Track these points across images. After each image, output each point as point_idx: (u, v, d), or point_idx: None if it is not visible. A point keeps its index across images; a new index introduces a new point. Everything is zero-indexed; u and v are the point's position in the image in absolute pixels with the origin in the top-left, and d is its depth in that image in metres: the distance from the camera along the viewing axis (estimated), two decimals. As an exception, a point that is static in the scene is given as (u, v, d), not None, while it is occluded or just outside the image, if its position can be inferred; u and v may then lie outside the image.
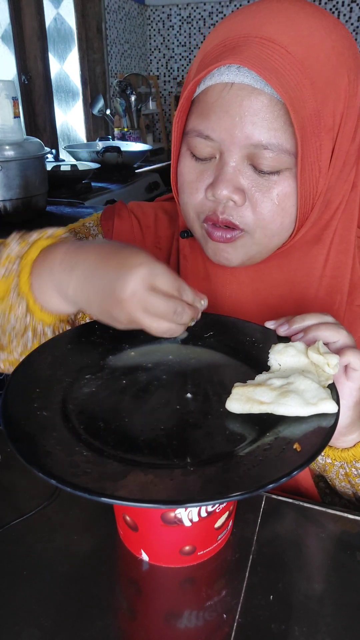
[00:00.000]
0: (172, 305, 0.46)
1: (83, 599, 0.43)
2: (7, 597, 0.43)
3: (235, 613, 0.42)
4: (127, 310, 0.46)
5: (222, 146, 0.52)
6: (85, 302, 0.51)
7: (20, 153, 1.43)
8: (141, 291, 0.45)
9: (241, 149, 0.51)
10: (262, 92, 0.49)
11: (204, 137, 0.53)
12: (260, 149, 0.50)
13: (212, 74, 0.52)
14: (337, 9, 2.88)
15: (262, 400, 0.41)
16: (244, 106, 0.50)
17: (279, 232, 0.55)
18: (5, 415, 0.40)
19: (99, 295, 0.48)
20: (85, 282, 0.49)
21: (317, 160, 0.51)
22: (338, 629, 0.41)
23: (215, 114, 0.51)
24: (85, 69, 2.70)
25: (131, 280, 0.45)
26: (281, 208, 0.53)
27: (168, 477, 0.35)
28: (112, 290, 0.46)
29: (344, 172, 0.56)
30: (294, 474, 0.34)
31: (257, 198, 0.53)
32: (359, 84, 0.53)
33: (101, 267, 0.48)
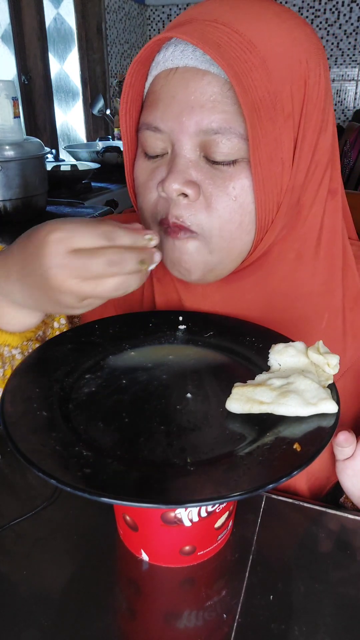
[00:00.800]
0: (102, 258, 0.40)
1: (83, 599, 0.43)
2: (7, 597, 0.43)
3: (235, 613, 0.42)
4: (64, 289, 0.41)
5: (172, 136, 0.49)
6: (34, 302, 0.47)
7: (20, 153, 1.43)
8: (62, 262, 0.40)
9: (191, 137, 0.47)
10: (207, 72, 0.46)
11: (153, 130, 0.49)
12: (211, 135, 0.47)
13: (157, 63, 0.50)
14: (337, 9, 2.88)
15: (262, 400, 0.41)
16: (190, 89, 0.47)
17: (239, 235, 0.50)
18: (5, 415, 0.40)
19: (38, 289, 0.44)
20: (24, 283, 0.45)
21: (276, 150, 0.48)
22: (338, 629, 0.41)
23: (162, 101, 0.48)
24: (85, 69, 2.70)
25: (46, 257, 0.41)
26: (238, 204, 0.49)
27: (168, 477, 0.35)
28: (41, 278, 0.42)
29: (316, 173, 0.52)
30: (294, 474, 0.34)
31: (211, 192, 0.48)
32: (323, 76, 0.50)
33: (26, 261, 0.44)
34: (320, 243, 0.55)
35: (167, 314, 0.58)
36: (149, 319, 0.57)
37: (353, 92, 3.03)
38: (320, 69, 0.50)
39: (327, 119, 0.51)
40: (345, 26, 2.90)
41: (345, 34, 2.92)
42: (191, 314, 0.58)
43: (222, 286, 0.58)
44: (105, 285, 0.41)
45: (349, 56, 2.96)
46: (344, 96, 3.05)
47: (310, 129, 0.49)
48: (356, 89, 3.02)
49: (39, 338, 0.57)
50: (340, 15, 2.89)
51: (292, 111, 0.48)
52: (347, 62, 2.97)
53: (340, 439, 0.48)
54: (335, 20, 2.91)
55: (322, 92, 0.50)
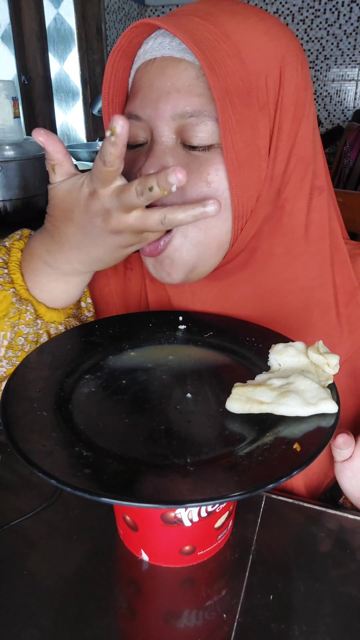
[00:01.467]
0: (135, 184, 0.44)
1: (83, 599, 0.43)
2: (7, 597, 0.43)
3: (235, 613, 0.42)
4: (123, 225, 0.46)
5: (151, 123, 0.50)
6: (95, 262, 0.51)
7: (20, 153, 1.43)
8: (109, 204, 0.45)
9: (168, 122, 0.49)
10: (183, 59, 0.48)
11: (134, 118, 0.51)
12: (187, 118, 0.48)
13: (138, 57, 0.52)
14: (337, 9, 2.88)
15: (262, 400, 0.41)
16: (166, 76, 0.49)
17: (215, 224, 0.51)
18: (5, 415, 0.40)
19: (97, 244, 0.49)
20: (80, 245, 0.50)
21: (253, 137, 0.49)
22: (338, 629, 0.41)
23: (142, 90, 0.50)
24: (85, 69, 2.70)
25: (95, 207, 0.46)
26: (213, 190, 0.49)
27: (168, 477, 0.35)
28: (100, 228, 0.47)
29: (297, 167, 0.52)
30: (294, 474, 0.34)
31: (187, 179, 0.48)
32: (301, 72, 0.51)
33: (71, 225, 0.49)
34: (309, 239, 0.56)
35: (167, 314, 0.58)
36: (149, 319, 0.57)
37: (353, 92, 3.03)
38: (298, 65, 0.51)
39: (307, 114, 0.53)
40: (345, 26, 2.90)
41: (345, 34, 2.92)
42: (191, 314, 0.58)
43: (211, 283, 0.58)
44: (152, 212, 0.45)
45: (349, 56, 2.96)
46: (344, 96, 3.06)
47: (287, 121, 0.51)
48: (356, 89, 3.02)
49: (75, 316, 0.61)
50: (340, 15, 2.89)
51: (268, 101, 0.49)
52: (347, 62, 2.97)
53: (339, 442, 0.48)
54: (335, 20, 2.91)
55: (301, 87, 0.51)
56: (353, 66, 2.97)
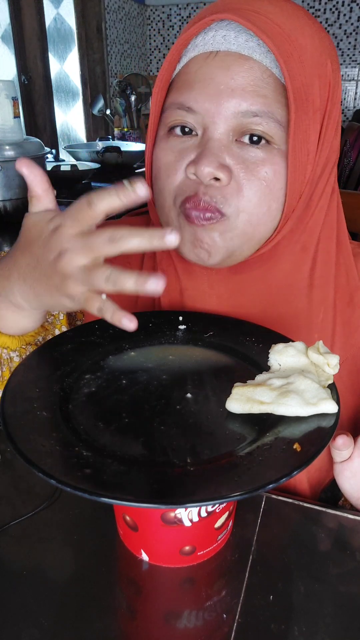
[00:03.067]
0: (105, 233, 0.39)
1: (83, 599, 0.43)
2: (7, 597, 0.43)
3: (235, 613, 0.42)
4: (69, 271, 0.40)
5: (206, 118, 0.49)
6: (36, 299, 0.46)
7: (20, 153, 1.43)
8: (67, 244, 0.40)
9: (228, 119, 0.48)
10: (250, 57, 0.47)
11: (185, 109, 0.49)
12: (249, 117, 0.48)
13: (195, 45, 0.50)
14: (337, 9, 2.88)
15: (262, 400, 0.41)
16: (231, 72, 0.47)
17: (264, 221, 0.51)
18: (5, 416, 0.40)
19: (43, 281, 0.44)
20: (27, 279, 0.46)
21: (305, 141, 0.49)
22: (338, 629, 0.41)
23: (200, 82, 0.49)
24: (85, 69, 2.70)
25: (52, 243, 0.41)
26: (269, 190, 0.49)
27: (168, 477, 0.35)
28: (49, 266, 0.42)
29: (327, 168, 0.54)
30: (294, 474, 0.34)
31: (243, 177, 0.49)
32: (339, 77, 0.52)
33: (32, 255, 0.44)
34: (320, 238, 0.57)
35: (167, 314, 0.58)
36: (149, 319, 0.57)
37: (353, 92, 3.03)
38: (338, 73, 0.52)
39: (340, 119, 0.53)
40: (345, 26, 2.90)
41: (345, 34, 2.92)
42: (191, 314, 0.58)
43: (229, 277, 0.58)
44: (104, 269, 0.39)
45: (349, 56, 2.96)
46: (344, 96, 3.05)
47: (331, 127, 0.51)
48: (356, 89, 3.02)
49: (38, 343, 0.57)
50: (340, 15, 2.89)
51: (320, 106, 0.49)
52: (347, 62, 2.97)
53: (338, 443, 0.48)
54: (335, 20, 2.91)
55: (340, 95, 0.52)
56: (353, 66, 2.97)
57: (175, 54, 0.51)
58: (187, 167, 0.50)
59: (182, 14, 3.16)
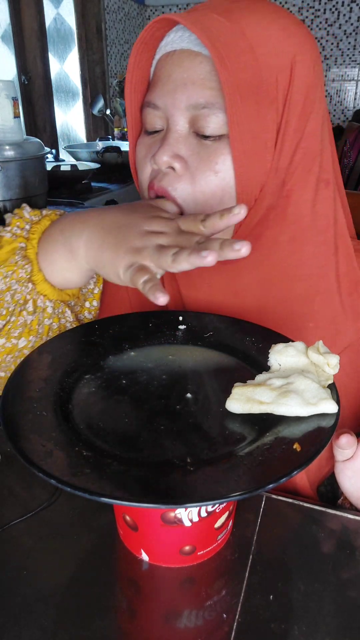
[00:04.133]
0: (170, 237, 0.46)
1: (83, 599, 0.43)
2: (7, 597, 0.43)
3: (235, 613, 0.42)
4: (135, 244, 0.46)
5: (167, 112, 0.53)
6: (96, 252, 0.50)
7: (20, 153, 1.43)
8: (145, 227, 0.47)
9: (182, 112, 0.52)
10: (200, 53, 0.51)
11: (152, 107, 0.54)
12: (200, 109, 0.51)
13: (160, 48, 0.55)
14: (337, 9, 2.88)
15: (262, 400, 0.41)
16: (183, 68, 0.51)
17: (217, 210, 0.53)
18: (5, 415, 0.40)
19: (120, 236, 0.48)
20: (104, 227, 0.50)
21: (259, 130, 0.51)
22: (338, 629, 0.41)
23: (161, 80, 0.53)
24: (85, 69, 2.70)
25: (157, 220, 0.48)
26: (220, 179, 0.52)
27: (168, 477, 0.35)
28: (138, 229, 0.47)
29: (304, 160, 0.55)
30: (294, 474, 0.34)
31: (196, 166, 0.52)
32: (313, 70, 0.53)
33: (122, 215, 0.50)
34: (315, 229, 0.58)
35: (167, 314, 0.58)
36: (149, 319, 0.57)
37: (353, 92, 3.03)
38: (311, 63, 0.53)
39: (317, 110, 0.54)
40: (345, 26, 2.90)
41: (345, 34, 2.92)
42: (191, 314, 0.58)
43: (220, 267, 0.59)
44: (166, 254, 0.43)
45: (348, 56, 2.96)
46: (344, 96, 3.06)
47: (295, 116, 0.53)
48: (356, 89, 3.02)
49: (71, 307, 0.61)
50: (340, 15, 2.89)
51: (277, 96, 0.51)
52: (347, 62, 2.97)
53: (342, 442, 0.48)
54: (335, 20, 2.91)
55: (312, 85, 0.53)
56: (353, 66, 2.97)
57: (138, 57, 0.55)
58: (150, 158, 0.55)
59: (182, 14, 3.16)
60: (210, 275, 0.61)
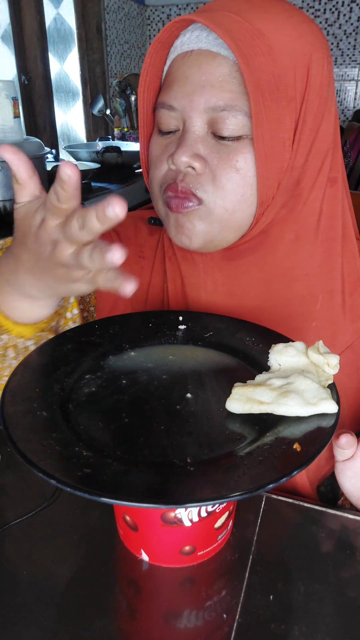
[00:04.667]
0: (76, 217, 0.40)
1: (83, 599, 0.43)
2: (7, 597, 0.43)
3: (235, 613, 0.42)
4: (65, 259, 0.41)
5: (184, 114, 0.53)
6: (48, 289, 0.47)
7: (20, 153, 1.43)
8: (55, 235, 0.41)
9: (201, 114, 0.52)
10: (218, 54, 0.51)
11: (167, 108, 0.54)
12: (219, 112, 0.51)
13: (175, 47, 0.54)
14: (337, 9, 2.88)
15: (262, 400, 0.41)
16: (202, 70, 0.51)
17: (240, 207, 0.54)
18: (5, 415, 0.40)
19: (47, 270, 0.44)
20: (34, 272, 0.46)
21: (278, 130, 0.52)
22: (338, 629, 0.41)
23: (177, 82, 0.53)
24: (85, 69, 2.70)
25: (41, 237, 0.42)
26: (241, 177, 0.53)
27: (168, 477, 0.35)
28: (48, 258, 0.43)
29: (316, 158, 0.55)
30: (294, 474, 0.34)
31: (217, 165, 0.53)
32: (326, 69, 0.54)
33: (26, 251, 0.45)
34: (319, 228, 0.58)
35: (167, 314, 0.58)
36: (149, 319, 0.57)
37: (353, 92, 3.03)
38: (324, 62, 0.54)
39: (329, 109, 0.55)
40: (345, 26, 2.90)
41: (345, 34, 2.92)
42: (191, 314, 0.58)
43: (223, 264, 0.61)
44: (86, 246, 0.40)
45: (348, 56, 2.96)
46: (344, 96, 3.05)
47: (311, 115, 0.53)
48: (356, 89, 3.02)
49: (52, 329, 0.57)
50: (340, 15, 2.89)
51: (295, 95, 0.52)
52: (347, 62, 2.97)
53: (341, 442, 0.48)
54: (335, 20, 2.91)
55: (325, 83, 0.54)
56: (353, 66, 2.97)
57: (154, 56, 0.55)
58: (168, 158, 0.54)
59: (182, 14, 3.16)
60: (214, 270, 0.61)
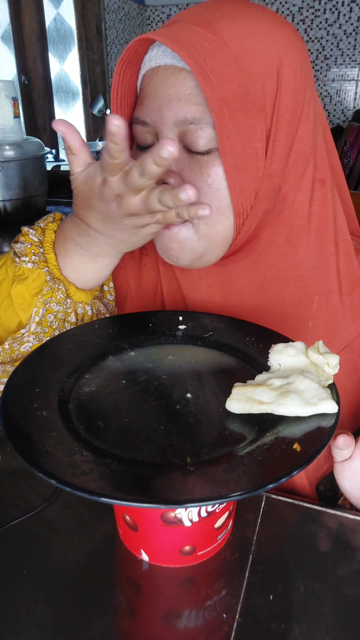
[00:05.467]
0: (135, 168, 0.45)
1: (83, 599, 0.43)
2: (7, 597, 0.43)
3: (235, 613, 0.42)
4: (133, 207, 0.48)
5: (156, 128, 0.53)
6: (121, 243, 0.54)
7: (20, 153, 1.43)
8: (119, 189, 0.48)
9: (171, 128, 0.52)
10: (183, 69, 0.51)
11: (141, 124, 0.54)
12: (187, 125, 0.51)
13: (144, 63, 0.54)
14: (337, 9, 2.88)
15: (262, 400, 0.41)
16: (169, 84, 0.51)
17: (218, 219, 0.54)
18: (5, 415, 0.40)
19: (118, 225, 0.51)
20: (104, 230, 0.53)
21: (249, 140, 0.51)
22: (338, 629, 0.41)
23: (148, 97, 0.53)
24: (85, 69, 2.70)
25: (105, 195, 0.49)
26: (214, 190, 0.53)
27: (168, 477, 0.35)
28: (115, 213, 0.50)
29: (297, 163, 0.55)
30: (294, 474, 0.34)
31: (189, 180, 0.53)
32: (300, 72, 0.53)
33: (92, 211, 0.52)
34: (311, 229, 0.58)
35: (167, 314, 0.58)
36: (149, 319, 0.57)
37: (353, 92, 3.03)
38: (297, 65, 0.53)
39: (307, 112, 0.54)
40: (345, 26, 2.90)
41: (345, 34, 2.92)
42: (191, 314, 0.58)
43: (217, 269, 0.61)
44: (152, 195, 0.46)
45: (348, 56, 2.96)
46: (344, 96, 3.05)
47: (285, 121, 0.53)
48: (356, 89, 3.02)
49: (99, 297, 0.63)
50: (340, 15, 2.89)
51: (265, 104, 0.51)
52: (347, 62, 2.97)
53: (339, 442, 0.48)
54: (335, 20, 2.91)
55: (301, 87, 0.53)
56: (353, 66, 2.97)
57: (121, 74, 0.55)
58: None
59: (182, 14, 3.15)
60: (209, 276, 0.62)
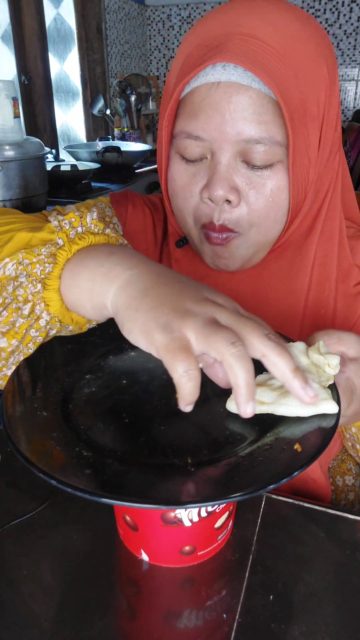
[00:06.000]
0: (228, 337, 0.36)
1: (83, 599, 0.43)
2: (7, 597, 0.43)
3: (235, 613, 0.42)
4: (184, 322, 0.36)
5: (213, 145, 0.52)
6: (133, 298, 0.40)
7: (20, 153, 1.43)
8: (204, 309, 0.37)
9: (232, 145, 0.52)
10: (249, 87, 0.50)
11: (193, 138, 0.53)
12: (253, 144, 0.51)
13: (197, 75, 0.52)
14: (337, 9, 2.88)
15: (263, 400, 0.41)
16: (232, 103, 0.50)
17: (272, 227, 0.56)
18: (5, 415, 0.40)
19: (165, 286, 0.39)
20: (149, 274, 0.41)
21: (306, 150, 0.52)
22: (338, 629, 0.41)
23: (204, 113, 0.52)
24: (85, 69, 2.70)
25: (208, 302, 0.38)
26: (274, 202, 0.54)
27: (168, 477, 0.35)
28: (184, 281, 0.40)
29: (329, 161, 0.57)
30: (295, 474, 0.34)
31: (251, 195, 0.54)
32: (336, 72, 0.55)
33: (168, 287, 0.40)
34: (327, 220, 0.61)
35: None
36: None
37: (353, 92, 3.03)
38: (336, 73, 0.54)
39: (339, 115, 0.56)
40: (345, 26, 2.90)
41: (345, 34, 2.92)
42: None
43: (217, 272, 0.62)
44: None
45: (349, 56, 2.96)
46: (344, 96, 3.05)
47: (330, 128, 0.54)
48: (356, 89, 3.02)
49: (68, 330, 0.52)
50: (340, 15, 2.89)
51: (318, 114, 0.52)
52: (347, 62, 2.97)
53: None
54: (335, 20, 2.91)
55: (337, 94, 0.55)
56: (353, 66, 2.97)
57: (180, 88, 0.52)
58: (201, 191, 0.55)
59: (182, 14, 3.16)
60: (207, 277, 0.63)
